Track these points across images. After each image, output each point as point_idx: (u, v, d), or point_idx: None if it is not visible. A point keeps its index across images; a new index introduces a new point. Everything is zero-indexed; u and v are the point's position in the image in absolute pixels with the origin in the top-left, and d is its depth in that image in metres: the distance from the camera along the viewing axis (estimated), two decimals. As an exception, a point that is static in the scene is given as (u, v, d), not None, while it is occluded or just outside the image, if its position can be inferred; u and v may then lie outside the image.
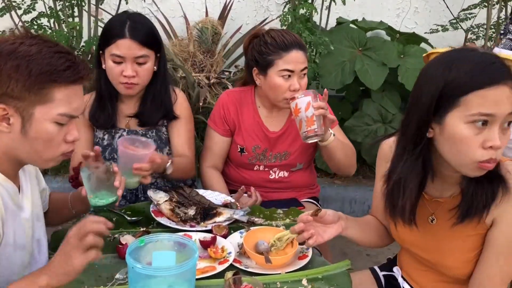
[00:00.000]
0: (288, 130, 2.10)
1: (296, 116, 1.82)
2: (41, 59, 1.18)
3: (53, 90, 1.21)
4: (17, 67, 1.17)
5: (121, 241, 1.54)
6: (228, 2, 3.83)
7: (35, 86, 1.18)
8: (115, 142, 1.98)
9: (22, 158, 1.28)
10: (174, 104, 2.02)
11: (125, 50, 1.83)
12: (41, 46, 1.20)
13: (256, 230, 1.62)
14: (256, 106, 2.11)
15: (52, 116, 1.23)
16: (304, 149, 2.12)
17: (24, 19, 3.25)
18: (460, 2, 3.77)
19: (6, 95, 1.18)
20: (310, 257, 1.52)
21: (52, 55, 1.20)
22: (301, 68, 1.94)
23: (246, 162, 2.12)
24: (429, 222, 1.43)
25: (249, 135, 2.10)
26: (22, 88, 1.18)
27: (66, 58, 1.22)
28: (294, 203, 2.03)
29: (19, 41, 1.20)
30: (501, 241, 1.30)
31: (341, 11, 3.90)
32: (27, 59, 1.18)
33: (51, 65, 1.19)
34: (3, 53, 1.18)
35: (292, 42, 1.94)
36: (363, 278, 1.68)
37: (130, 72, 1.85)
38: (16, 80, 1.17)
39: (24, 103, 1.19)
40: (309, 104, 1.78)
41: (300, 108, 1.79)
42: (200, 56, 3.53)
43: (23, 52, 1.18)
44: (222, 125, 2.11)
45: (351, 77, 3.39)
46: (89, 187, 1.48)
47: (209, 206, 1.80)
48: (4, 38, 1.23)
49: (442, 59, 1.26)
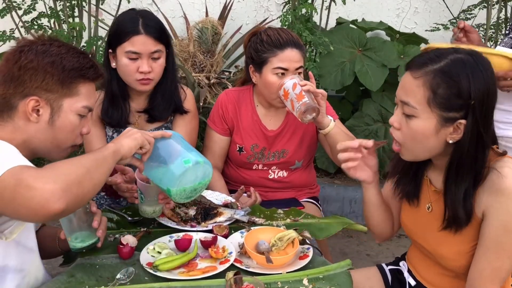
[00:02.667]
0: (286, 128, 2.11)
1: (286, 99, 1.86)
2: (71, 57, 1.35)
3: (80, 85, 1.38)
4: (52, 63, 1.33)
5: (122, 241, 1.53)
6: (228, 2, 3.83)
7: (67, 80, 1.34)
8: None
9: (39, 149, 1.38)
10: (184, 100, 2.04)
11: (141, 46, 1.85)
12: (68, 47, 1.38)
13: (257, 230, 1.62)
14: (255, 105, 2.12)
15: (77, 108, 1.38)
16: (302, 145, 2.12)
17: (24, 20, 3.25)
18: (460, 2, 3.77)
19: (40, 88, 1.32)
20: (311, 257, 1.52)
21: (79, 55, 1.38)
22: (296, 66, 1.94)
23: (245, 161, 2.13)
24: (426, 209, 1.45)
25: (248, 134, 2.11)
26: (56, 81, 1.33)
27: (88, 58, 1.40)
28: (294, 203, 2.04)
29: (48, 42, 1.36)
30: (489, 235, 1.29)
31: (341, 11, 3.90)
32: (60, 57, 1.34)
33: (80, 63, 1.36)
34: (39, 51, 1.33)
35: (287, 41, 1.94)
36: (369, 274, 1.69)
37: (146, 67, 1.86)
38: (51, 74, 1.32)
39: (55, 95, 1.34)
40: (295, 84, 1.85)
41: (288, 90, 1.86)
42: (200, 56, 3.53)
43: (55, 51, 1.34)
44: (221, 124, 2.12)
45: (351, 78, 3.40)
46: (66, 228, 1.43)
47: (209, 206, 1.80)
48: (32, 40, 1.38)
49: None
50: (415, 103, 1.27)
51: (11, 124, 1.33)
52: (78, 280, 1.39)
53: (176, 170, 1.44)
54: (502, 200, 1.25)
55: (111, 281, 1.39)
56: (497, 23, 3.48)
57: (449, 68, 1.24)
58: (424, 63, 1.26)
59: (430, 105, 1.25)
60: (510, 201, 1.25)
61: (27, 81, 1.31)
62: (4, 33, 3.14)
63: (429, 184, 1.46)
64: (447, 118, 1.25)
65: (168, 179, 1.45)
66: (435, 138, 1.28)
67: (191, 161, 1.44)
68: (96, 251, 1.52)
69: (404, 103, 1.30)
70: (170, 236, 1.62)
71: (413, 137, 1.30)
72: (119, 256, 1.51)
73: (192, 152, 1.49)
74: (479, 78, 1.23)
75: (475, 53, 1.28)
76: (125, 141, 1.38)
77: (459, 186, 1.30)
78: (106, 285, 1.37)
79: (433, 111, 1.25)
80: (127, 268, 1.44)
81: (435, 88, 1.24)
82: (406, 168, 1.48)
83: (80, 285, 1.37)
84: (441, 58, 1.26)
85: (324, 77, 3.40)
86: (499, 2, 3.43)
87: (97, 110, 1.97)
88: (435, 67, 1.25)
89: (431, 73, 1.25)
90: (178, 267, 1.45)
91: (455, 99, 1.23)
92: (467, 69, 1.23)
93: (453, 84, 1.23)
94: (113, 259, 1.51)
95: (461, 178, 1.30)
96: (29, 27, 3.19)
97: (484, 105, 1.24)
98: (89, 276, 1.41)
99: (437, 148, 1.31)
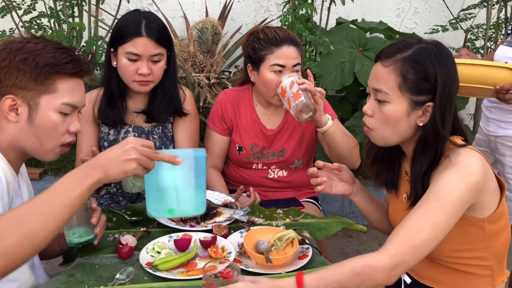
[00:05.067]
0: (285, 127, 2.11)
1: (284, 98, 1.86)
2: (46, 53, 1.31)
3: (57, 81, 1.32)
4: (25, 60, 1.29)
5: (121, 241, 1.53)
6: (228, 2, 3.83)
7: (40, 76, 1.30)
8: (120, 137, 2.00)
9: (26, 148, 1.36)
10: (184, 102, 2.04)
11: (142, 48, 1.85)
12: (46, 44, 1.33)
13: (256, 230, 1.62)
14: (253, 104, 2.12)
15: (56, 105, 1.33)
16: (301, 144, 2.12)
17: (24, 19, 3.25)
18: (460, 2, 3.77)
19: (15, 86, 1.29)
20: (310, 256, 1.52)
21: (56, 51, 1.33)
22: (293, 63, 1.94)
23: (245, 161, 2.13)
24: (404, 199, 1.51)
25: (247, 133, 2.11)
26: (29, 78, 1.29)
27: (68, 53, 1.35)
28: (294, 203, 2.04)
29: (26, 40, 1.33)
30: (422, 199, 1.34)
31: (341, 11, 3.90)
32: (34, 53, 1.30)
33: (55, 58, 1.31)
34: (13, 49, 1.30)
35: (284, 38, 1.95)
36: None
37: (145, 70, 1.86)
38: (24, 72, 1.29)
39: (31, 93, 1.30)
40: (293, 82, 1.83)
41: (285, 88, 1.84)
42: (200, 56, 3.53)
43: (30, 48, 1.31)
44: (220, 124, 2.12)
45: (350, 78, 3.40)
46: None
47: (209, 206, 1.80)
48: (12, 39, 1.36)
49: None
50: (388, 89, 1.37)
51: None
52: (77, 280, 1.39)
53: (157, 210, 1.33)
54: (445, 172, 1.33)
55: (110, 281, 1.39)
56: (497, 23, 3.48)
57: (416, 56, 1.36)
58: (393, 53, 1.38)
59: (401, 90, 1.36)
60: (450, 174, 1.32)
61: (2, 80, 1.29)
62: (4, 33, 3.14)
63: (405, 175, 1.53)
64: (416, 101, 1.36)
65: (149, 204, 1.31)
66: (406, 121, 1.39)
67: (174, 212, 1.35)
68: (95, 250, 1.52)
69: (377, 90, 1.40)
70: (169, 236, 1.62)
71: (386, 120, 1.40)
72: (118, 256, 1.51)
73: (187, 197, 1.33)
74: (443, 64, 1.35)
75: (437, 42, 1.40)
76: (115, 168, 1.19)
77: (422, 165, 1.39)
78: (105, 285, 1.37)
79: (404, 95, 1.36)
80: (126, 268, 1.44)
81: (405, 74, 1.35)
82: (380, 157, 1.56)
83: (80, 285, 1.37)
84: (408, 47, 1.38)
85: (324, 77, 3.40)
86: (499, 2, 3.43)
87: (89, 107, 1.96)
88: (404, 55, 1.37)
89: (400, 61, 1.36)
90: (177, 267, 1.45)
91: (423, 83, 1.35)
92: (432, 56, 1.35)
93: (420, 69, 1.35)
94: (113, 259, 1.51)
95: (424, 158, 1.39)
96: (29, 27, 3.19)
97: (447, 88, 1.35)
98: (89, 276, 1.41)
99: (407, 131, 1.41)
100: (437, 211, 1.29)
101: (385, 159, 1.57)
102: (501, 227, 1.45)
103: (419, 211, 1.31)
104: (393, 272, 1.25)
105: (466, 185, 1.31)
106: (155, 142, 2.02)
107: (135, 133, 2.01)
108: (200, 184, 1.33)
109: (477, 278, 1.47)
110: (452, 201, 1.30)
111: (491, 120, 2.15)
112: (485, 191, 1.36)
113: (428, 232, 1.28)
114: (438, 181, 1.33)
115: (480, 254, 1.44)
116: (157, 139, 2.02)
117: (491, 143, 2.18)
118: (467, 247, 1.44)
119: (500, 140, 2.14)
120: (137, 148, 1.21)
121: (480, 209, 1.39)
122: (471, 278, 1.47)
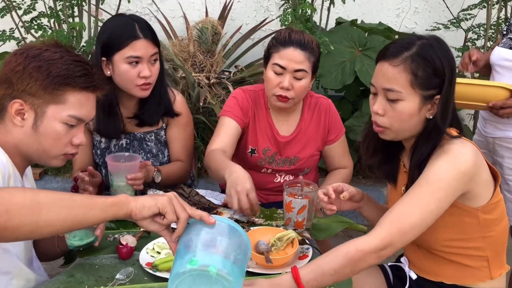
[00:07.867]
0: (298, 136, 2.05)
1: (287, 212, 1.68)
2: (60, 64, 1.32)
3: (67, 92, 1.33)
4: (38, 68, 1.31)
5: (121, 241, 1.53)
6: (228, 2, 3.83)
7: (51, 86, 1.31)
8: (112, 145, 1.99)
9: (30, 153, 1.37)
10: (174, 103, 2.02)
11: (142, 50, 1.83)
12: (64, 54, 1.34)
13: (256, 230, 1.62)
14: (268, 108, 2.06)
15: (62, 116, 1.34)
16: (313, 154, 2.09)
17: (24, 19, 3.25)
18: (460, 2, 3.77)
19: (25, 92, 1.31)
20: (310, 257, 1.52)
21: (71, 62, 1.34)
22: (295, 68, 1.87)
23: (255, 164, 2.07)
24: (402, 191, 1.53)
25: (262, 137, 2.05)
26: (40, 86, 1.30)
27: (83, 67, 1.35)
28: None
29: (45, 47, 1.34)
30: (414, 184, 1.39)
31: (341, 11, 3.90)
32: (49, 62, 1.31)
33: (69, 70, 1.32)
34: (29, 55, 1.32)
35: (294, 40, 1.88)
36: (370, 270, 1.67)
37: (147, 72, 1.84)
38: (36, 79, 1.30)
39: (39, 101, 1.32)
40: (304, 208, 1.64)
41: (293, 208, 1.65)
42: (200, 56, 3.53)
43: (46, 56, 1.32)
44: (241, 114, 2.00)
45: (351, 77, 3.40)
46: None
47: (209, 206, 1.80)
48: (32, 44, 1.38)
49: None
50: (400, 87, 1.39)
51: (3, 126, 1.34)
52: (77, 280, 1.39)
53: (178, 268, 1.10)
54: (437, 159, 1.37)
55: (110, 281, 1.39)
56: (497, 23, 3.48)
57: (423, 52, 1.39)
58: (399, 51, 1.40)
59: (413, 87, 1.39)
60: (442, 161, 1.36)
61: (14, 83, 1.31)
62: (4, 33, 3.14)
63: (403, 167, 1.56)
64: (427, 96, 1.40)
65: (172, 271, 1.12)
66: (417, 116, 1.42)
67: (199, 263, 1.07)
68: (95, 251, 1.52)
69: (388, 90, 1.41)
70: (169, 236, 1.61)
71: (400, 118, 1.42)
72: (118, 256, 1.51)
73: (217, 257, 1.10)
74: (446, 57, 1.40)
75: (436, 37, 1.44)
76: (145, 199, 1.19)
77: (422, 154, 1.42)
78: (105, 285, 1.37)
79: (416, 92, 1.39)
80: (126, 268, 1.44)
81: (415, 71, 1.38)
82: (378, 150, 1.58)
83: (80, 285, 1.37)
84: (411, 45, 1.40)
85: (325, 76, 3.40)
86: (499, 2, 3.43)
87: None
88: (410, 53, 1.39)
89: (408, 59, 1.38)
90: (177, 267, 1.45)
91: (432, 78, 1.39)
92: (436, 50, 1.39)
93: (429, 64, 1.38)
94: (113, 259, 1.51)
95: (425, 148, 1.42)
96: (29, 27, 3.19)
97: (452, 79, 1.41)
98: (89, 276, 1.41)
99: (418, 125, 1.44)
100: (427, 195, 1.34)
101: (383, 151, 1.59)
102: (497, 217, 1.47)
103: (409, 196, 1.36)
104: (382, 252, 1.31)
105: (456, 171, 1.34)
106: (151, 149, 2.02)
107: (127, 139, 1.99)
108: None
109: (474, 270, 1.49)
110: (441, 186, 1.34)
111: (488, 121, 2.14)
112: (477, 180, 1.39)
113: (417, 216, 1.33)
114: (430, 168, 1.38)
115: (476, 244, 1.47)
116: (152, 146, 2.01)
117: (489, 144, 2.17)
118: (462, 236, 1.46)
119: (498, 142, 2.13)
120: (172, 199, 1.22)
121: (473, 198, 1.42)
122: (468, 270, 1.49)
